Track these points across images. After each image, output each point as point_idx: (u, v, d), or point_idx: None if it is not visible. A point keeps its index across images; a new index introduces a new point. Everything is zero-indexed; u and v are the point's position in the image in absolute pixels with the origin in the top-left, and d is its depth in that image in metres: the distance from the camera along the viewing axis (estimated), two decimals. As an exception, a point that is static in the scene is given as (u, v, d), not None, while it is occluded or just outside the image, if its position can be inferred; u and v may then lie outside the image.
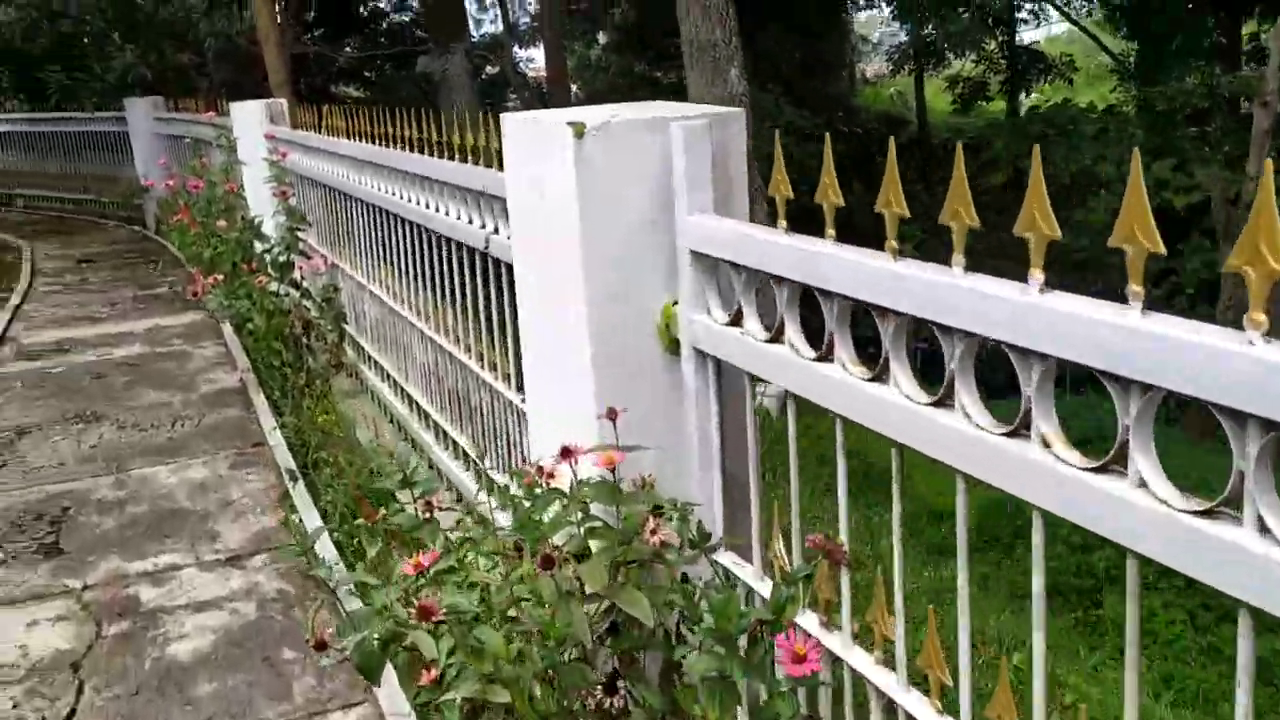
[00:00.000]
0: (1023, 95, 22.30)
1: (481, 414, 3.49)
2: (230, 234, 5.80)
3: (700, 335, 2.00)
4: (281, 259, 5.48)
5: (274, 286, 5.47)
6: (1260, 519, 1.05)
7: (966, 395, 1.41)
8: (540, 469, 2.09)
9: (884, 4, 19.34)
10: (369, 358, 5.10)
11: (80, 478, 4.57)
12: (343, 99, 20.33)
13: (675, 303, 2.10)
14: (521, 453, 3.18)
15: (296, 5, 14.78)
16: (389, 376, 4.81)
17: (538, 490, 2.12)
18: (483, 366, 3.45)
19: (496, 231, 3.08)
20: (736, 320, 1.91)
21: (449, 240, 3.60)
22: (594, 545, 2.05)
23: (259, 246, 5.63)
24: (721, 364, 2.01)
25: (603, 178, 2.03)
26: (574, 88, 21.26)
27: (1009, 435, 1.34)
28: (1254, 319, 1.01)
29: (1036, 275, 1.26)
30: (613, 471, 1.86)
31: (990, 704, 1.43)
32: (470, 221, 3.32)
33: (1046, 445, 1.29)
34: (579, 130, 2.00)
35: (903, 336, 1.52)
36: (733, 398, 2.09)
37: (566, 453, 1.99)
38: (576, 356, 2.16)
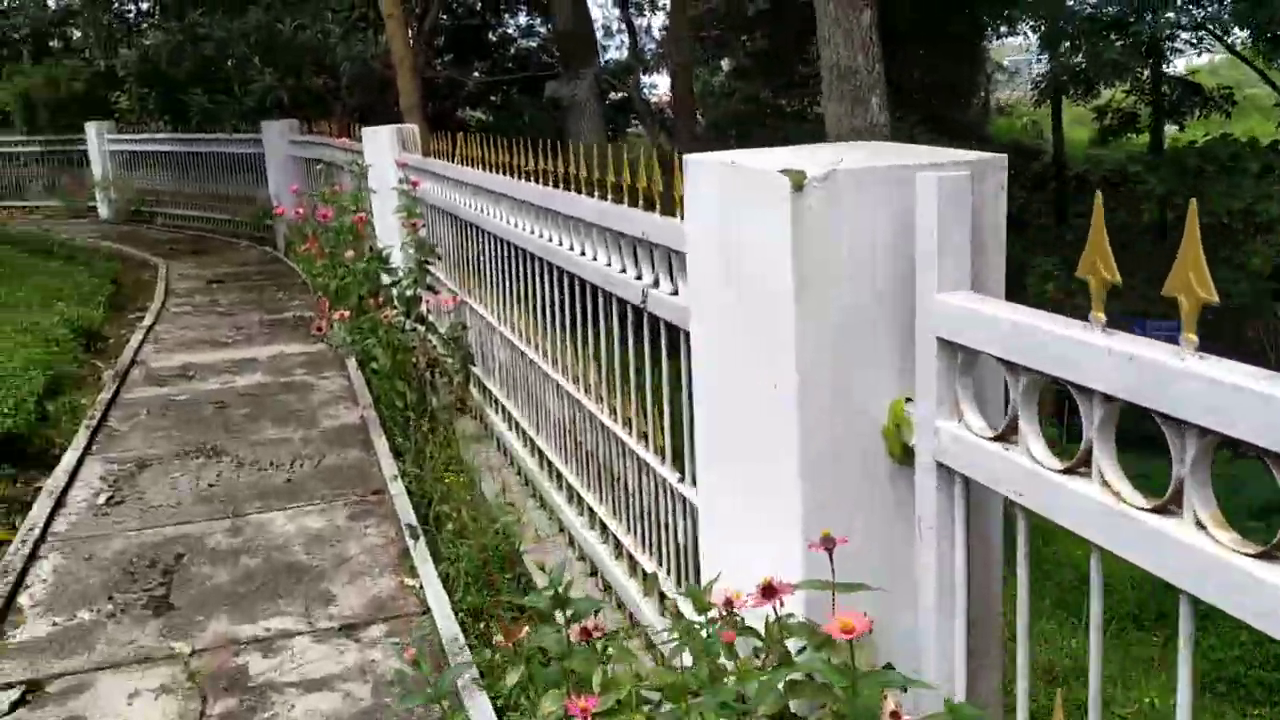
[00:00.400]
0: (1172, 128, 21.09)
1: (627, 488, 3.08)
2: (357, 265, 5.56)
3: (947, 447, 1.54)
4: (409, 293, 5.20)
5: (399, 320, 5.20)
6: None
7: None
8: (728, 602, 1.66)
9: (1028, 31, 18.48)
10: (495, 401, 4.76)
11: (196, 520, 4.33)
12: (468, 124, 20.48)
13: (908, 400, 1.64)
14: (676, 537, 2.75)
15: (428, 31, 14.82)
16: (517, 425, 4.45)
17: (719, 621, 1.70)
18: (631, 433, 3.04)
19: (657, 284, 2.68)
20: (1007, 434, 1.45)
21: (595, 288, 3.22)
22: (796, 705, 1.60)
23: (386, 279, 5.37)
24: (971, 483, 1.55)
25: (824, 239, 1.60)
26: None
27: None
28: None
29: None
30: (849, 639, 1.40)
31: None
32: (624, 270, 2.92)
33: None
34: (797, 181, 1.57)
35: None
36: (979, 523, 1.63)
37: (770, 591, 1.56)
38: (777, 459, 1.72)
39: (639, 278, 2.81)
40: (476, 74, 18.09)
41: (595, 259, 3.18)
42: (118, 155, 15.26)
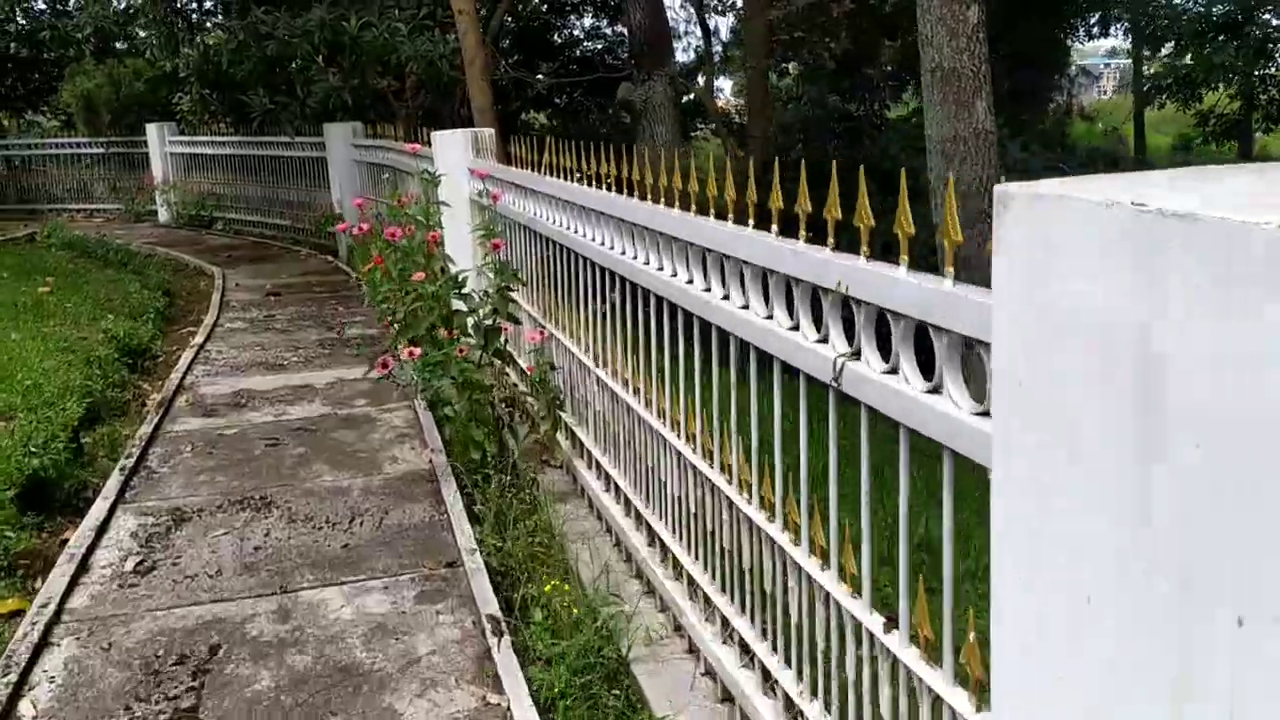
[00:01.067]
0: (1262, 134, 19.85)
1: (791, 613, 2.30)
2: (427, 287, 4.84)
3: None
4: (487, 323, 4.47)
5: (475, 354, 4.47)
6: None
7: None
8: None
9: (1121, 32, 17.41)
10: (587, 454, 4.01)
11: (237, 596, 3.63)
12: (532, 127, 19.82)
13: None
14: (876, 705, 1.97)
15: (494, 32, 14.16)
16: (615, 486, 3.70)
17: None
18: (797, 542, 2.27)
19: (858, 356, 1.90)
20: None
21: (745, 343, 2.45)
22: None
23: (459, 304, 4.65)
24: None
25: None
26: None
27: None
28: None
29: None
30: None
31: None
32: (796, 327, 2.15)
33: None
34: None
35: None
36: None
37: None
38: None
39: (824, 340, 2.04)
40: (541, 76, 17.42)
41: (744, 306, 2.42)
42: (179, 158, 14.83)
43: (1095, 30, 18.52)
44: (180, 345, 7.77)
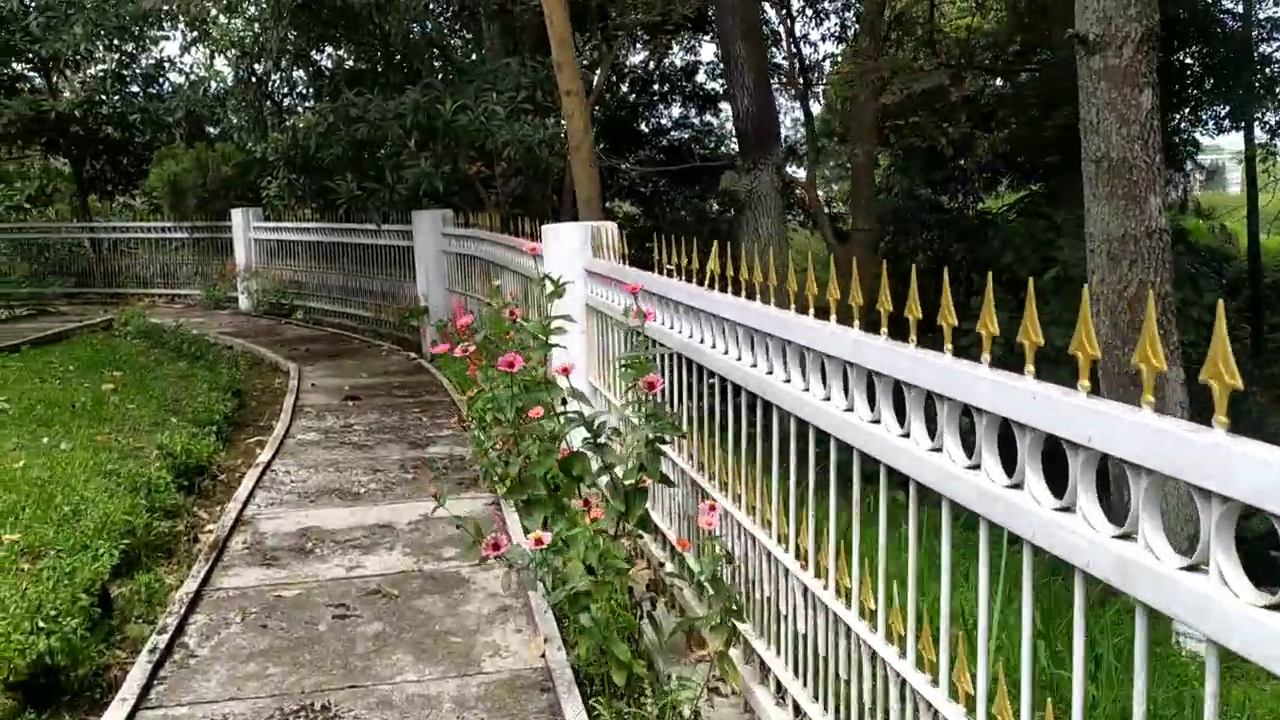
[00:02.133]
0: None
1: None
2: (545, 425, 3.73)
3: None
4: (628, 483, 3.33)
5: (610, 522, 3.32)
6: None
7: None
8: None
9: (1259, 125, 16.07)
10: (782, 691, 2.80)
11: None
12: (615, 216, 18.97)
13: None
14: None
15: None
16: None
17: None
18: None
19: None
20: None
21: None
22: None
23: (592, 460, 3.52)
24: None
25: None
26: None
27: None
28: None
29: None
30: None
31: None
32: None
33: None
34: None
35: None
36: None
37: None
38: None
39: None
40: (632, 164, 16.62)
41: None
42: (262, 244, 14.20)
43: (1226, 124, 17.18)
44: (246, 459, 6.78)
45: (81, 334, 12.34)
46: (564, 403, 3.87)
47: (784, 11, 17.95)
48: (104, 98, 15.72)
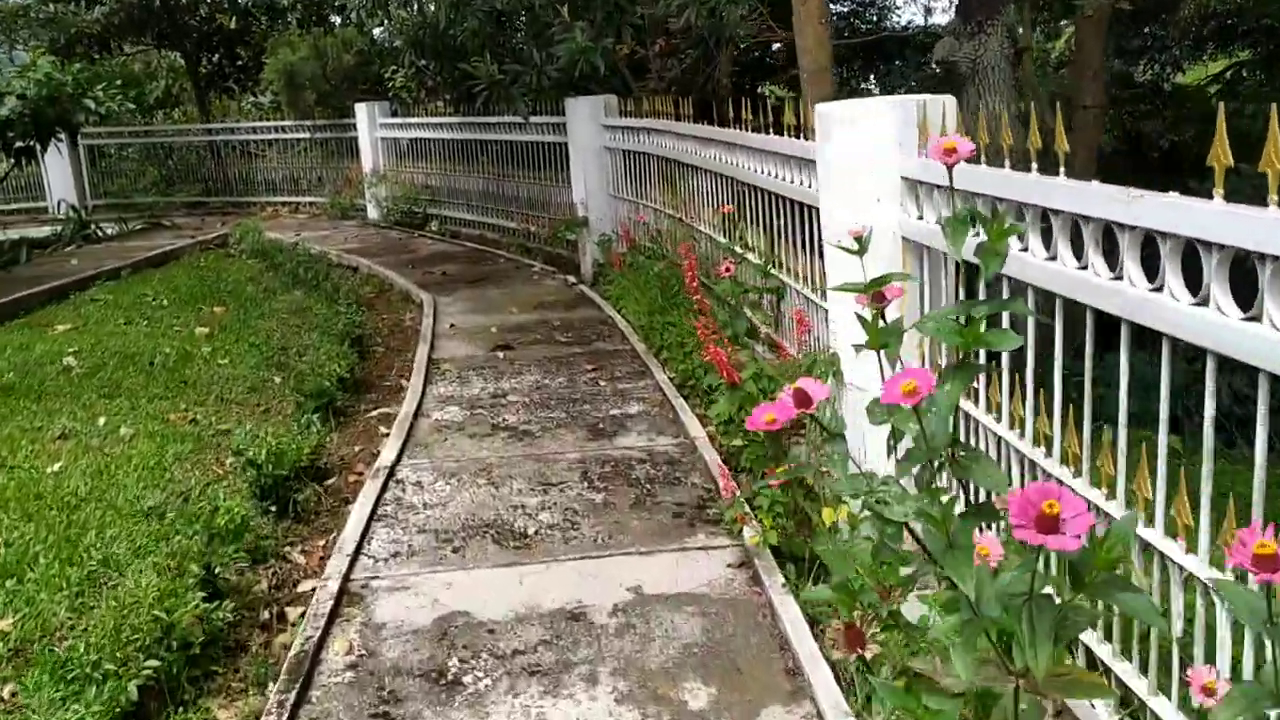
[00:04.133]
0: None
1: None
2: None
3: None
4: None
5: None
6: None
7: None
8: None
9: None
10: None
11: None
12: (768, 99, 16.13)
13: None
14: None
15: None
16: None
17: None
18: None
19: None
20: None
21: None
22: None
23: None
24: None
25: None
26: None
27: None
28: None
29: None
30: None
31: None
32: None
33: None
34: None
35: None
36: None
37: None
38: None
39: None
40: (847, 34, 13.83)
41: None
42: (390, 143, 12.21)
43: None
44: (365, 446, 4.83)
45: (191, 253, 10.67)
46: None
47: None
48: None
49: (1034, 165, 2.42)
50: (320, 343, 6.26)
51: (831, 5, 18.40)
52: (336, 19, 14.54)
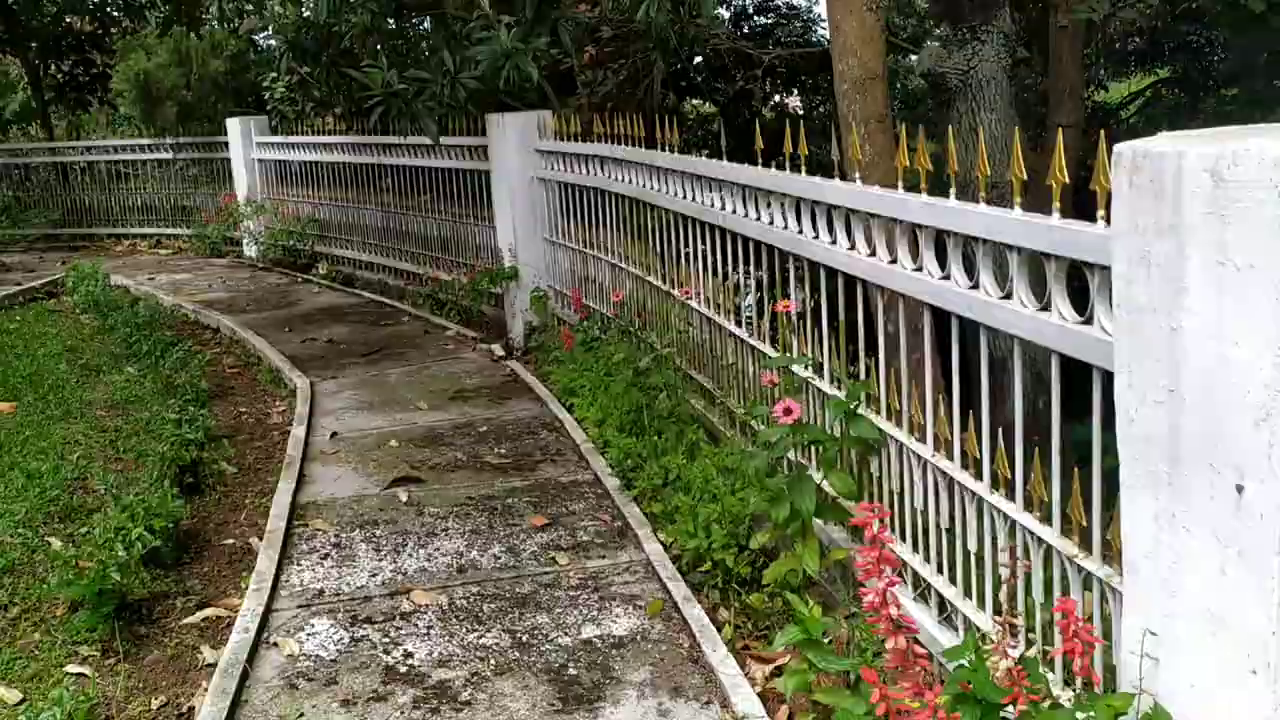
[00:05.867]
0: None
1: None
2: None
3: None
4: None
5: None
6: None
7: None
8: None
9: None
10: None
11: None
12: (690, 117, 14.29)
13: None
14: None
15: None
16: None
17: None
18: None
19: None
20: None
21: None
22: None
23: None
24: None
25: None
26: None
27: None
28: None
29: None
30: None
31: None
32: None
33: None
34: None
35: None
36: None
37: None
38: None
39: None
40: (779, 46, 12.10)
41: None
42: (270, 166, 9.99)
43: None
44: (165, 707, 2.76)
45: (10, 306, 8.34)
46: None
47: None
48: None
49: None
50: (145, 474, 4.14)
51: (749, 16, 16.58)
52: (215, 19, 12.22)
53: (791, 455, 2.97)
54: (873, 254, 2.72)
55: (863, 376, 2.81)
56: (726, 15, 13.24)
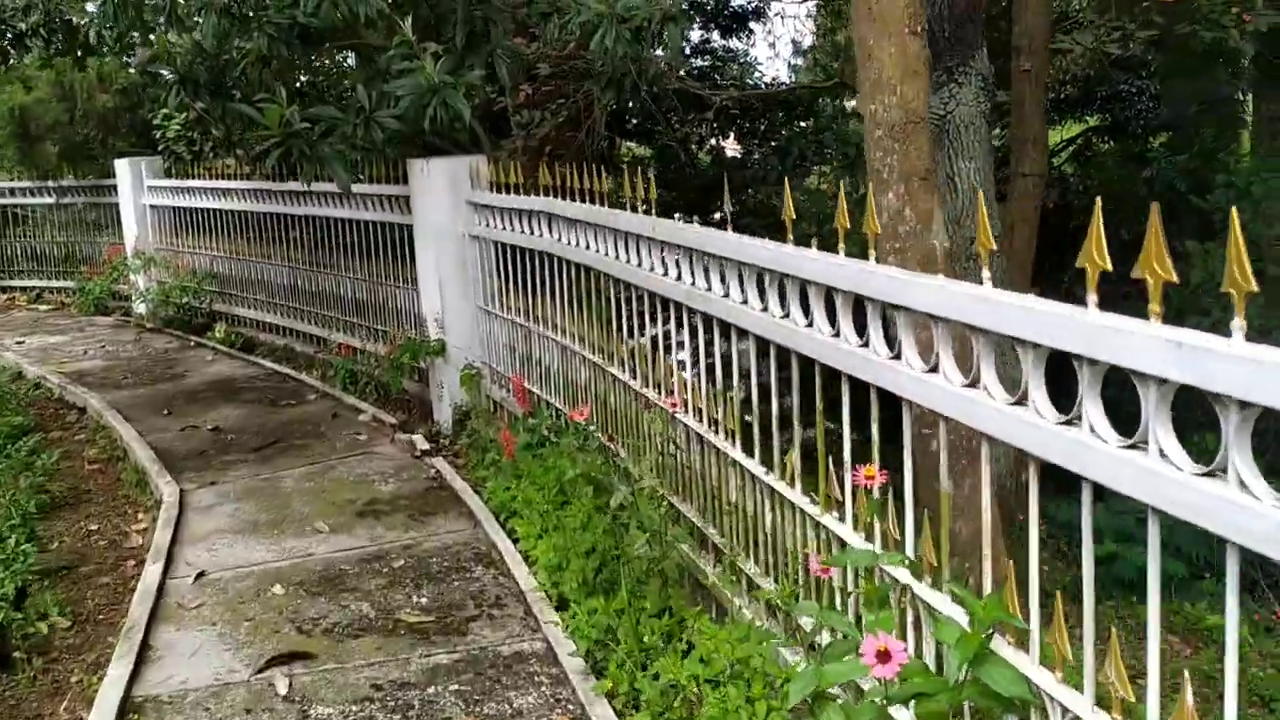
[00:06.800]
0: None
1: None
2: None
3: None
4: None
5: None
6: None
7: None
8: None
9: None
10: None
11: None
12: (624, 160, 13.36)
13: None
14: None
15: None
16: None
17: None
18: None
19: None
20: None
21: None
22: None
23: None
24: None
25: None
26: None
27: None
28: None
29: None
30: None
31: None
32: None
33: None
34: None
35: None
36: None
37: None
38: None
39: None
40: (726, 86, 11.27)
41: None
42: (164, 213, 8.74)
43: None
44: None
45: None
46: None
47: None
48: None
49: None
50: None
51: (688, 58, 15.74)
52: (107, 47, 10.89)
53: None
54: (974, 385, 1.72)
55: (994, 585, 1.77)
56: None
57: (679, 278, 3.00)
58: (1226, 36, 8.12)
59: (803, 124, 13.01)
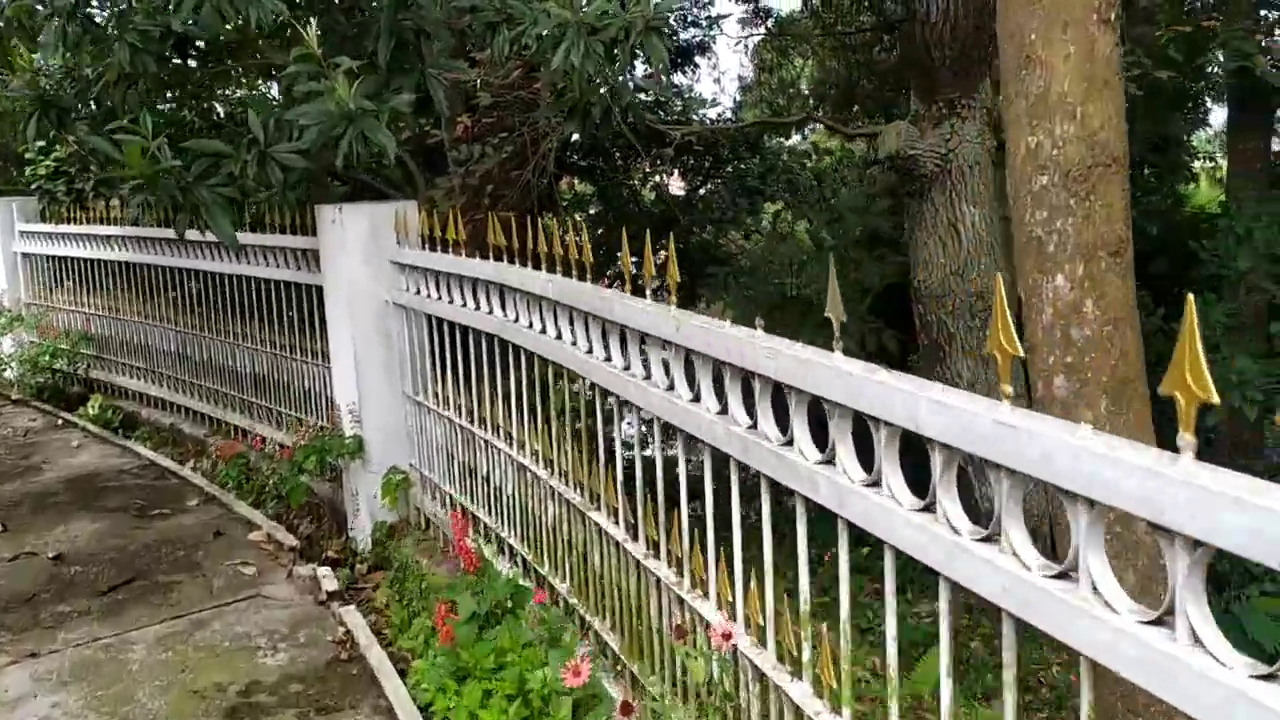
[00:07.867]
0: None
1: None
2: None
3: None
4: None
5: None
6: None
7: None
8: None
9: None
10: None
11: None
12: (565, 197, 12.19)
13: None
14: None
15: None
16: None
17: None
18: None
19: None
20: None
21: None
22: None
23: None
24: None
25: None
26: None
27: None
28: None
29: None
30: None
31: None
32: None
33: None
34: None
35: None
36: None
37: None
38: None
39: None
40: (683, 121, 10.17)
41: None
42: (38, 263, 7.32)
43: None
44: None
45: None
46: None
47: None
48: None
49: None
50: None
51: (634, 95, 14.67)
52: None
53: None
54: None
55: None
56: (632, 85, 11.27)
57: (723, 410, 1.81)
58: (1253, 65, 7.26)
59: (749, 161, 12.03)
